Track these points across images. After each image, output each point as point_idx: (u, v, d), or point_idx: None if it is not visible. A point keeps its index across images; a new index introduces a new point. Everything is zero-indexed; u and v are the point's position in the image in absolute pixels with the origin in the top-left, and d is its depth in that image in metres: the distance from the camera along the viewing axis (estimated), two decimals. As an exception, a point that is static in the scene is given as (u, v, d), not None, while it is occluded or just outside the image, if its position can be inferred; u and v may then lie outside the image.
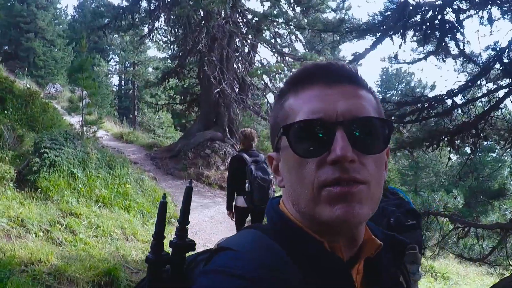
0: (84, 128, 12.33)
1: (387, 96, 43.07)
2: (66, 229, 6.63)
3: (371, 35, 6.62)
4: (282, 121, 0.93)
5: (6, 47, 37.21)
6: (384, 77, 55.39)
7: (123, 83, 48.31)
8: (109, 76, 40.68)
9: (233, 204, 6.32)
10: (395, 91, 47.87)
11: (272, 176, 5.87)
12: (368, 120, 0.88)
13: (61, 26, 40.74)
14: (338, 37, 7.82)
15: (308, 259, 0.87)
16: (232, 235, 0.99)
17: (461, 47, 5.90)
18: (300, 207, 0.89)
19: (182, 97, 20.81)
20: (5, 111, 11.04)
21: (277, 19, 14.28)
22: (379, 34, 6.50)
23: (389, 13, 6.34)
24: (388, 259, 1.00)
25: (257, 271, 0.80)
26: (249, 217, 6.48)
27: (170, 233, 8.08)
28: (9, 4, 35.89)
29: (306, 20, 7.36)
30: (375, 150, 0.88)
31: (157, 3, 15.91)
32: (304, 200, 0.87)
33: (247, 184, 5.92)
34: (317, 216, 0.86)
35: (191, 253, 1.03)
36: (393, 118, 6.26)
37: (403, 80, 52.21)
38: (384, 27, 6.40)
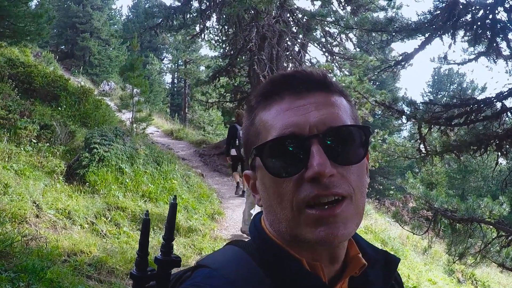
0: (134, 124, 12.62)
1: (439, 97, 41.91)
2: (111, 222, 6.84)
3: (420, 35, 6.45)
4: (254, 138, 0.89)
5: (63, 46, 38.92)
6: (435, 77, 53.79)
7: (175, 81, 49.20)
8: (162, 74, 41.66)
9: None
10: (446, 92, 46.36)
11: None
12: (343, 129, 0.84)
13: (115, 26, 42.14)
14: (386, 37, 7.65)
15: (286, 278, 0.84)
16: (213, 252, 0.97)
17: (513, 48, 5.68)
18: (280, 227, 0.85)
19: (233, 95, 20.90)
20: (59, 108, 11.53)
21: (326, 18, 14.17)
22: (428, 34, 6.33)
23: (438, 12, 6.16)
24: (378, 277, 0.94)
25: None
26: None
27: (213, 229, 8.22)
28: (65, 5, 37.39)
29: (355, 19, 7.20)
30: (355, 160, 0.83)
31: (208, 3, 16.05)
32: (283, 220, 0.83)
33: (237, 141, 10.03)
34: (299, 236, 0.82)
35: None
36: (440, 120, 6.11)
37: (455, 81, 50.67)
38: (434, 26, 6.22)
